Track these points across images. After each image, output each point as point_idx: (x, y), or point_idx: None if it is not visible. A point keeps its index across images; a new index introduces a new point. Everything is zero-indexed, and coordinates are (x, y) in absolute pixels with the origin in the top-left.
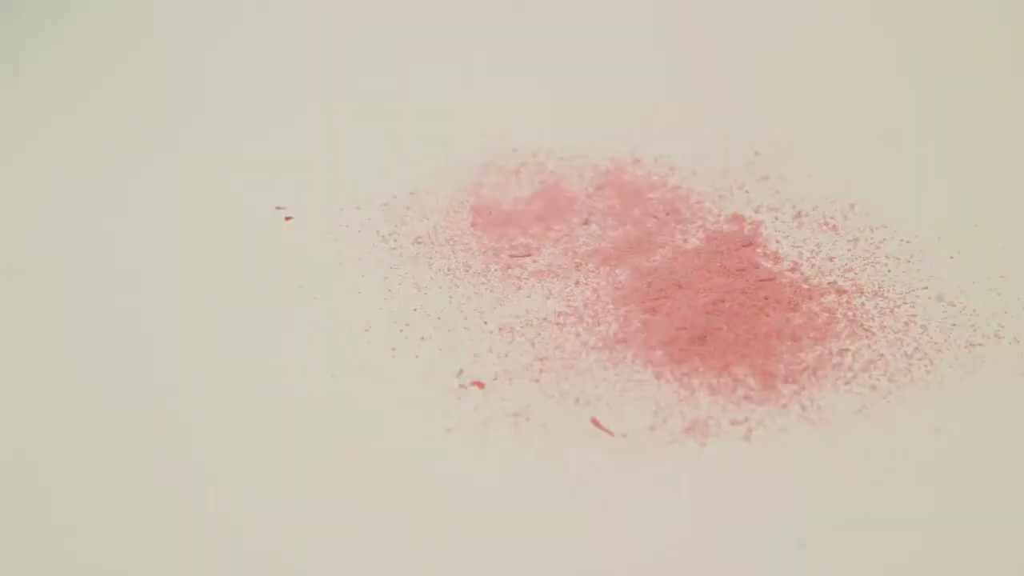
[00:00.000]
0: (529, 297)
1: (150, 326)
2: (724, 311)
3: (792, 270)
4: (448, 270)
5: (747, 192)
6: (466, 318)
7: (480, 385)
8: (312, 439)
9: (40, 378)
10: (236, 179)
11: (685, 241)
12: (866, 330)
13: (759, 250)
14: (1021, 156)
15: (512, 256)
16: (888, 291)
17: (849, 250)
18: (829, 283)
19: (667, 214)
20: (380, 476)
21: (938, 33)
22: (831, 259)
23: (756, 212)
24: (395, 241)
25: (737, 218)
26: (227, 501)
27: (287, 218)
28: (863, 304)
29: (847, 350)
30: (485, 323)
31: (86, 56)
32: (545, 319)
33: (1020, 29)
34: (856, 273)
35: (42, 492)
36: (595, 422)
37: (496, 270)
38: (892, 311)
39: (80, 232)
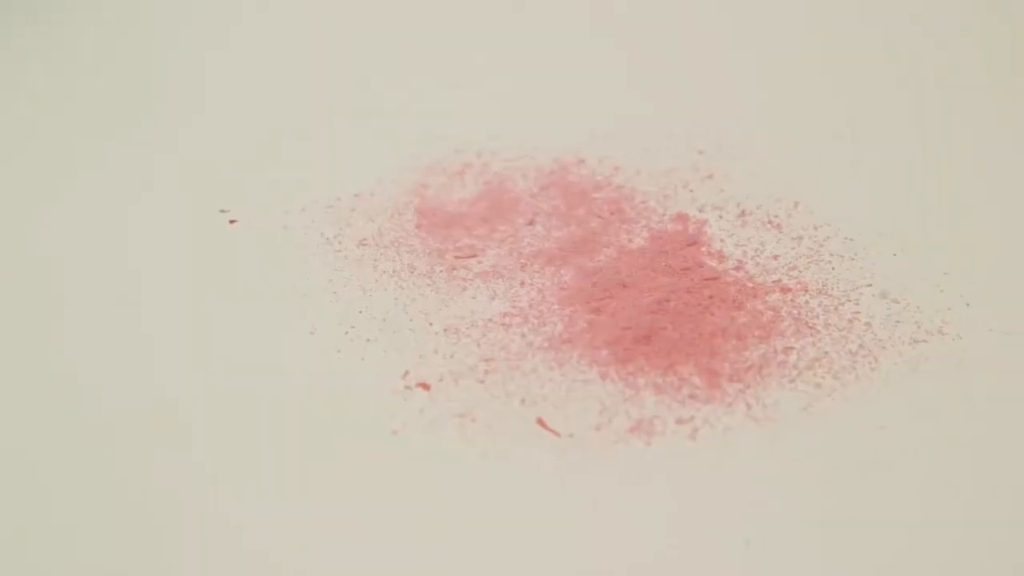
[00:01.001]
0: (474, 298)
1: (89, 328)
2: (669, 310)
3: (737, 269)
4: (393, 272)
5: (691, 191)
6: (411, 320)
7: (426, 387)
8: (257, 441)
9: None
10: (179, 182)
11: (630, 241)
12: (811, 328)
13: (704, 249)
14: (962, 153)
15: (457, 257)
16: (832, 289)
17: (793, 248)
18: (774, 281)
19: (612, 214)
20: (325, 478)
21: (878, 32)
22: (775, 257)
23: (700, 211)
24: (340, 243)
25: (681, 217)
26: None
27: (231, 221)
28: (807, 302)
29: (792, 348)
30: (430, 324)
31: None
32: (490, 320)
33: (959, 27)
34: (800, 271)
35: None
36: (541, 423)
37: (441, 271)
38: (836, 309)
39: (21, 236)
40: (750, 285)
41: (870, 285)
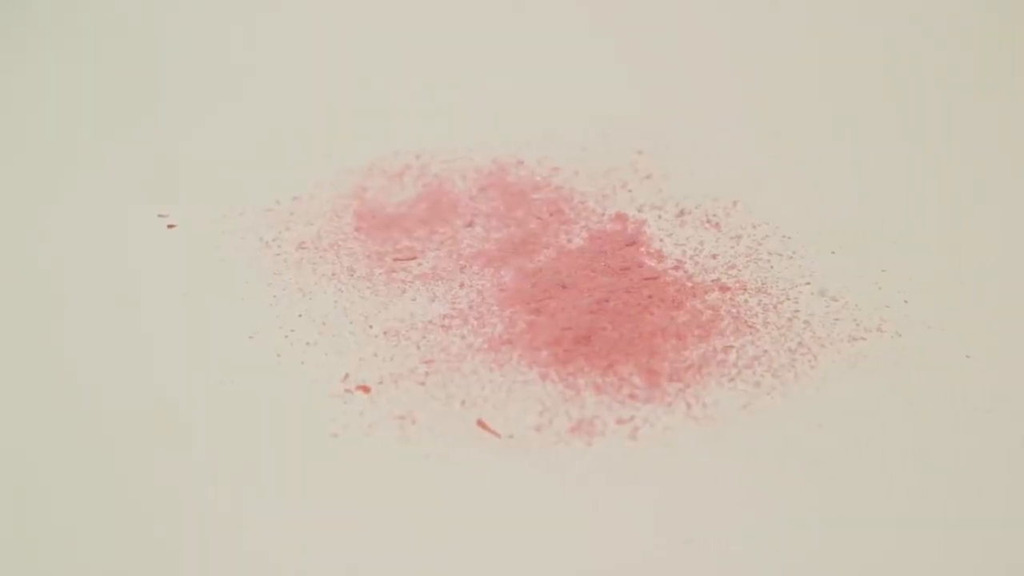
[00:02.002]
0: (414, 300)
1: (20, 330)
2: (608, 310)
3: (676, 268)
4: (332, 275)
5: (630, 191)
6: (351, 322)
7: (366, 389)
8: (196, 446)
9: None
10: (117, 186)
11: (569, 241)
12: (750, 327)
13: (643, 249)
14: (899, 151)
15: (396, 259)
16: (771, 287)
17: (732, 247)
18: (713, 280)
19: (551, 215)
20: (266, 482)
21: (817, 31)
22: (714, 256)
23: (639, 211)
24: (279, 247)
25: (620, 217)
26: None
27: (170, 225)
28: (746, 301)
29: (731, 347)
30: (370, 327)
31: None
32: (430, 322)
33: (894, 23)
34: (739, 270)
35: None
36: (481, 424)
37: (380, 274)
38: (775, 307)
39: None
40: (689, 284)
41: (809, 283)
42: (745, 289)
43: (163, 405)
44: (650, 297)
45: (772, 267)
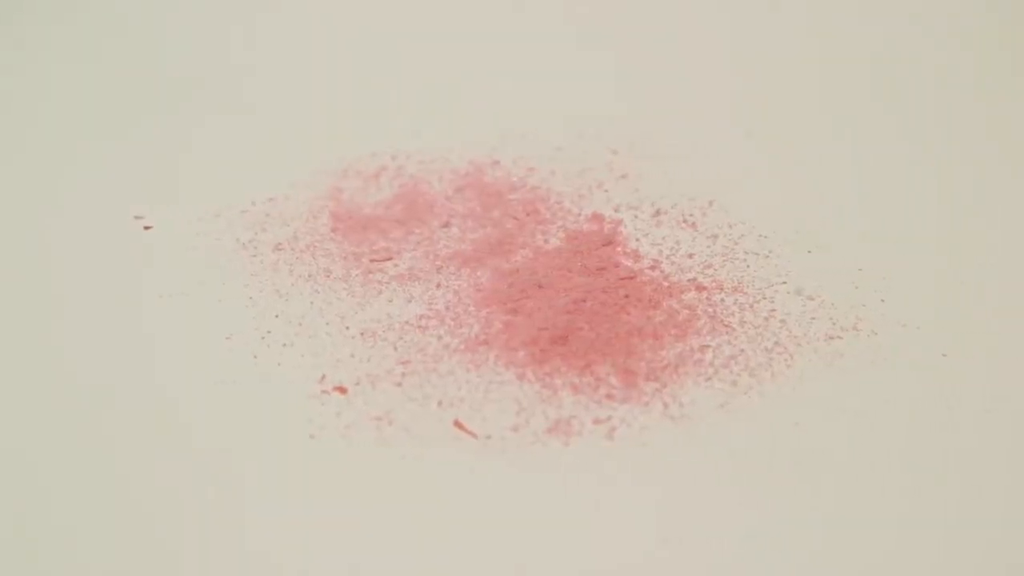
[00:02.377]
0: (390, 301)
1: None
2: (585, 310)
3: (652, 268)
4: (309, 276)
5: (606, 191)
6: (328, 323)
7: (342, 390)
8: (174, 447)
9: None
10: (94, 188)
11: (545, 241)
12: (726, 326)
13: (619, 249)
14: (874, 150)
15: (373, 260)
16: (747, 287)
17: (708, 247)
18: (689, 280)
19: (527, 215)
20: (243, 484)
21: (789, 30)
22: (691, 256)
23: (616, 211)
24: (255, 248)
25: (597, 217)
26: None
27: (146, 227)
28: (723, 300)
29: (708, 346)
30: (347, 328)
31: None
32: (407, 323)
33: (866, 23)
34: (716, 269)
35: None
36: (458, 424)
37: (357, 275)
38: (752, 306)
39: None
40: (666, 284)
41: (785, 282)
42: (722, 288)
43: (140, 406)
44: (627, 297)
45: (748, 266)
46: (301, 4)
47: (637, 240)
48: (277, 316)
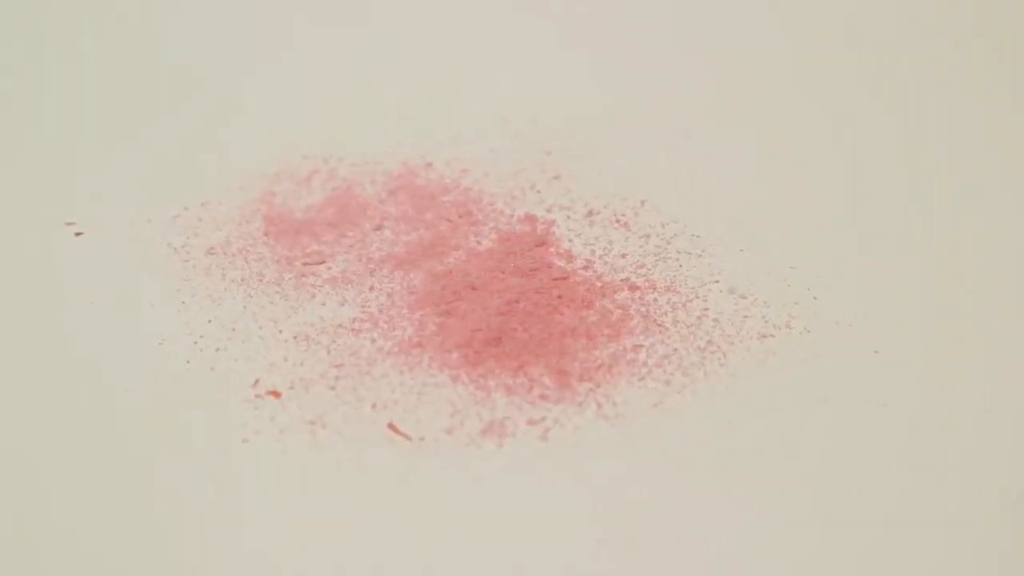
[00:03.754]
0: (324, 304)
1: None
2: (518, 311)
3: (585, 268)
4: (242, 280)
5: (539, 192)
6: (261, 327)
7: (276, 394)
8: (108, 453)
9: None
10: (22, 193)
11: (478, 243)
12: (660, 325)
13: (552, 249)
14: (806, 148)
15: (305, 264)
16: (680, 286)
17: (641, 246)
18: (622, 280)
19: (460, 217)
20: (176, 489)
21: (721, 30)
22: (623, 256)
23: (548, 212)
24: (187, 253)
25: (529, 218)
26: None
27: (77, 233)
28: (656, 300)
29: (641, 346)
30: (280, 332)
31: None
32: (340, 326)
33: (800, 21)
34: (648, 269)
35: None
36: (392, 427)
37: (290, 278)
38: (685, 305)
39: None
40: (599, 284)
41: (717, 281)
42: (654, 288)
43: (72, 413)
44: (560, 297)
45: (681, 266)
46: (221, 9)
47: (570, 241)
48: (210, 321)
